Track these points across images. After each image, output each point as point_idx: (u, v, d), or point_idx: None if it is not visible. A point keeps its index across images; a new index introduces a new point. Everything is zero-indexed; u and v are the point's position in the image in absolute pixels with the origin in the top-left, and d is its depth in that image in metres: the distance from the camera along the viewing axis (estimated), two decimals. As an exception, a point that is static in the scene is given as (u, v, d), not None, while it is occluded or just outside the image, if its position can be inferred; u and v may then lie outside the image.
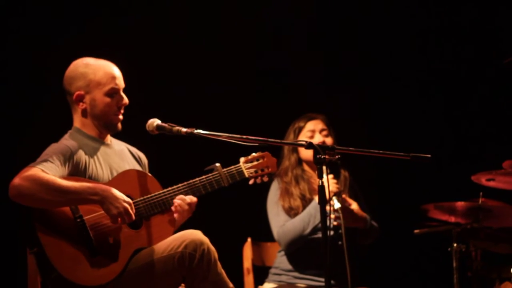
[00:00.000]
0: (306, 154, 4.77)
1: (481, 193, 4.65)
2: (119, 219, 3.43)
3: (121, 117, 3.71)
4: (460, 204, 4.64)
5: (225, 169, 3.73)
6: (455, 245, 4.71)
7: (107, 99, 3.67)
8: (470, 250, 4.74)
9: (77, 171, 3.53)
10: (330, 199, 4.50)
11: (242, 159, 3.80)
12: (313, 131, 4.79)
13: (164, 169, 3.97)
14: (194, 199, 3.69)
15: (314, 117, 4.84)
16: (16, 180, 3.34)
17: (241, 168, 3.77)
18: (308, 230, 4.56)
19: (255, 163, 3.81)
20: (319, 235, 4.56)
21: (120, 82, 3.72)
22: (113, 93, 3.68)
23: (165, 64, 5.45)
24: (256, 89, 5.75)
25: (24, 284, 3.62)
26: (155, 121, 3.62)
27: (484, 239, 4.73)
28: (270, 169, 3.83)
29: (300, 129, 4.82)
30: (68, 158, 3.52)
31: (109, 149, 3.74)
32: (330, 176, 4.52)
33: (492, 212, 4.64)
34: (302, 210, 4.64)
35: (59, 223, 3.39)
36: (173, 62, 5.53)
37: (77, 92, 3.67)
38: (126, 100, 3.71)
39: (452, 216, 4.76)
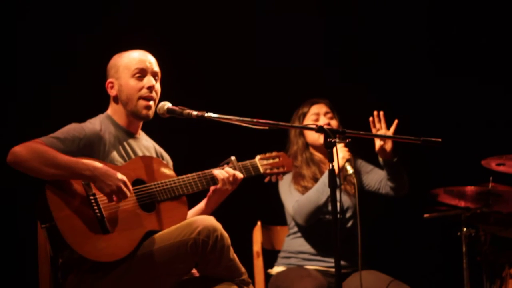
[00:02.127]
0: (313, 138, 4.80)
1: (491, 178, 4.65)
2: (114, 197, 3.44)
3: (150, 103, 3.69)
4: (469, 188, 4.64)
5: (240, 163, 3.81)
6: (464, 229, 4.71)
7: (133, 82, 3.69)
8: (480, 234, 4.74)
9: (91, 154, 3.55)
10: (343, 165, 4.55)
11: (258, 156, 3.90)
12: (318, 114, 4.83)
13: (181, 160, 4.01)
14: (240, 175, 3.75)
15: (317, 101, 4.90)
16: (16, 147, 3.40)
17: (256, 163, 3.86)
18: (323, 199, 4.56)
19: (271, 161, 3.90)
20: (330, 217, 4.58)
21: (148, 65, 3.72)
22: (139, 75, 3.69)
23: (177, 50, 5.44)
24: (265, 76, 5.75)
25: (34, 259, 3.66)
26: (166, 104, 3.64)
27: (494, 223, 4.72)
28: (285, 168, 3.95)
29: (305, 114, 4.86)
30: (79, 139, 3.54)
31: (135, 142, 3.75)
32: (341, 144, 4.52)
33: (502, 196, 4.63)
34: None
35: (72, 199, 3.41)
36: (185, 49, 5.54)
37: (108, 80, 3.75)
38: (152, 82, 3.70)
39: (462, 200, 4.76)
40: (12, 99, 5.03)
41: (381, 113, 4.57)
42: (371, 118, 4.55)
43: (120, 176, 3.44)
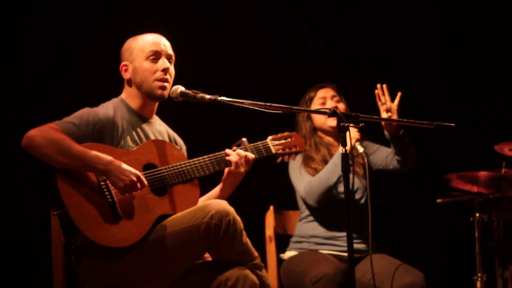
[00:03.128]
0: (321, 121, 4.83)
1: (503, 163, 4.64)
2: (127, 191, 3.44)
3: (166, 84, 3.69)
4: (482, 174, 4.62)
5: (251, 144, 3.79)
6: (477, 215, 4.70)
7: (147, 65, 3.69)
8: (492, 220, 4.73)
9: (103, 139, 3.55)
10: (354, 145, 4.54)
11: (269, 137, 3.87)
12: (325, 98, 4.85)
13: (192, 143, 4.01)
14: (252, 155, 3.74)
15: (323, 86, 4.92)
16: (32, 131, 3.40)
17: (268, 144, 3.83)
18: (334, 180, 4.58)
19: (283, 141, 3.88)
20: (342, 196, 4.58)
21: (163, 48, 3.72)
22: (153, 57, 3.70)
23: (191, 35, 5.43)
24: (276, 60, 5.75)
25: (48, 246, 3.67)
26: (179, 88, 3.64)
27: (507, 209, 4.72)
28: (298, 148, 3.92)
29: (312, 99, 4.87)
30: (93, 124, 3.54)
31: (149, 127, 3.76)
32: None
33: (515, 182, 4.62)
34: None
35: (84, 186, 3.41)
36: (200, 34, 5.53)
37: (122, 63, 3.75)
38: (166, 64, 3.70)
39: (475, 185, 4.75)
40: (12, 99, 5.03)
41: (384, 86, 4.59)
42: (376, 91, 4.56)
43: (134, 170, 3.44)
